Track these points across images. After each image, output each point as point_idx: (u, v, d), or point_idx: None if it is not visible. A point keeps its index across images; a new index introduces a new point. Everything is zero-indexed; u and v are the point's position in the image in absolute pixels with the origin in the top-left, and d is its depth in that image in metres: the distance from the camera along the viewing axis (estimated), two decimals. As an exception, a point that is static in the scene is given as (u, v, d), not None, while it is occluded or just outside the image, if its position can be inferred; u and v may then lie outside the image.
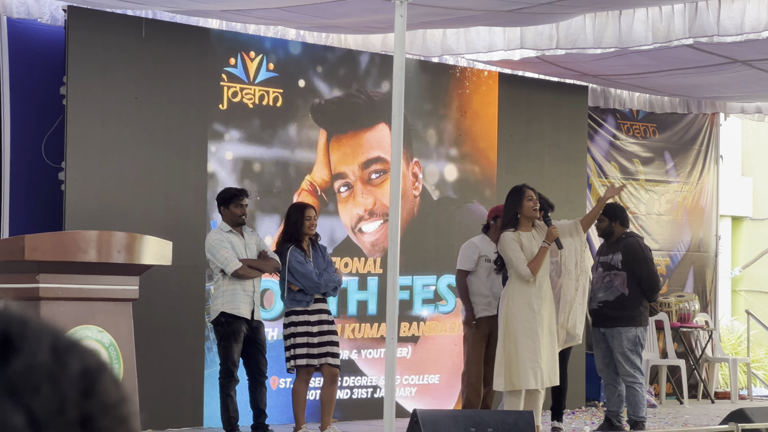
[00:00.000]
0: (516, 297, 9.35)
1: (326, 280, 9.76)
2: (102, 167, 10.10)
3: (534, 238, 9.46)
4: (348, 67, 11.64)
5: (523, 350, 9.29)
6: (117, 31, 10.24)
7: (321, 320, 9.81)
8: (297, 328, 9.75)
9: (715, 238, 15.58)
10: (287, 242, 9.81)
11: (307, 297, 9.77)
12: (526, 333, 9.30)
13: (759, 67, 12.08)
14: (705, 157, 15.44)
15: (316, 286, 9.74)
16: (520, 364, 9.29)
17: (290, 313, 9.82)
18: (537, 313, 9.33)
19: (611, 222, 10.64)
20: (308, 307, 9.77)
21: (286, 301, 9.82)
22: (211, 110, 10.73)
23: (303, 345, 9.73)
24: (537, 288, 9.39)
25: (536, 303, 9.35)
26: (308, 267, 9.74)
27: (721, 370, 15.57)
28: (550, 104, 13.19)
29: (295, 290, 9.74)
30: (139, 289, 8.29)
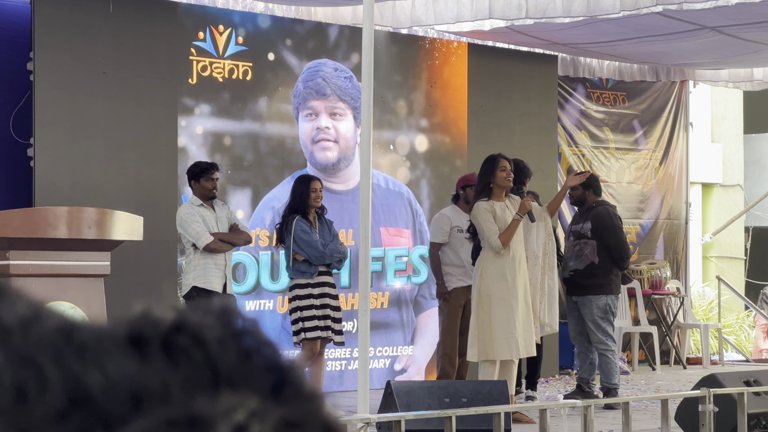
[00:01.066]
0: (489, 267, 9.32)
1: (331, 250, 9.71)
2: (71, 143, 10.06)
3: (507, 209, 9.41)
4: (317, 40, 11.61)
5: (498, 321, 9.26)
6: (84, 6, 10.18)
7: (324, 293, 9.76)
8: (302, 302, 9.70)
9: (686, 205, 15.65)
10: (293, 213, 9.76)
11: (311, 268, 9.71)
12: (500, 303, 9.26)
13: (728, 33, 12.11)
14: (674, 125, 15.49)
15: (321, 256, 9.69)
16: (494, 335, 9.26)
17: (294, 287, 9.75)
18: (511, 283, 9.30)
19: (585, 190, 10.67)
20: (311, 279, 9.76)
21: (291, 272, 9.75)
22: (180, 84, 10.69)
23: (311, 318, 9.69)
24: (510, 259, 9.36)
25: (510, 273, 9.31)
26: (314, 236, 9.69)
27: (692, 336, 15.67)
28: (519, 74, 13.20)
29: (299, 260, 9.70)
30: (111, 265, 8.27)
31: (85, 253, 8.06)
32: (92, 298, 8.11)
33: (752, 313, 17.13)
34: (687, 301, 15.29)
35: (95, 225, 8.08)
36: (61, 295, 7.96)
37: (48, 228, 7.87)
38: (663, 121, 15.37)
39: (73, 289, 8.02)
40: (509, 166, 9.45)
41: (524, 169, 10.17)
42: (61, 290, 7.96)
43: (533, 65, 13.38)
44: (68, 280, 7.99)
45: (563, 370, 13.47)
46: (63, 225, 7.94)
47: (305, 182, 9.88)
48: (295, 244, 9.66)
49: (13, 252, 7.75)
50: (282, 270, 11.18)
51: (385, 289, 12.04)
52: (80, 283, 8.06)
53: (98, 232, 8.08)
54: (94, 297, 8.12)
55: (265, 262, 11.17)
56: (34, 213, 8.08)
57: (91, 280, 8.12)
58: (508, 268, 9.33)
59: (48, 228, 7.87)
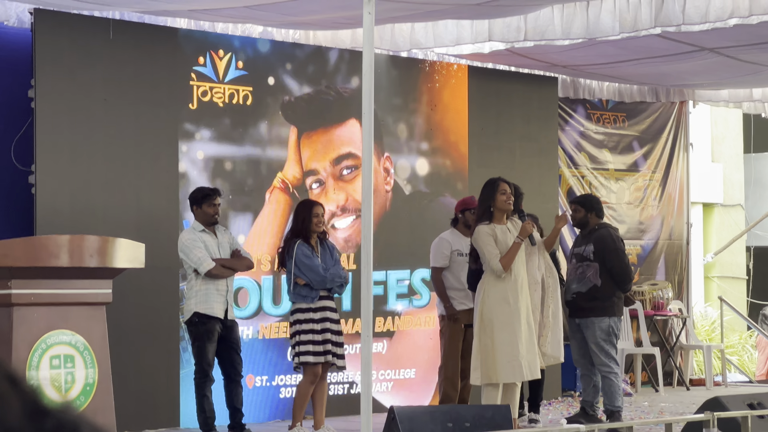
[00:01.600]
0: (491, 291, 9.30)
1: (332, 274, 9.72)
2: (72, 170, 10.05)
3: (509, 231, 9.39)
4: (317, 64, 11.62)
5: (500, 344, 9.23)
6: (84, 32, 10.19)
7: (325, 318, 9.75)
8: (302, 326, 9.69)
9: (687, 225, 15.64)
10: (295, 237, 9.77)
11: (312, 292, 9.70)
12: (502, 326, 9.24)
13: (727, 54, 12.12)
14: (674, 145, 15.50)
15: (322, 280, 9.69)
16: (497, 358, 9.24)
17: (296, 311, 9.74)
18: (513, 306, 9.28)
19: (587, 213, 10.67)
20: (312, 303, 9.74)
21: (292, 296, 9.75)
22: (181, 110, 10.69)
23: (308, 342, 9.69)
24: (512, 282, 9.34)
25: (512, 296, 9.29)
26: (315, 261, 9.69)
27: (695, 357, 15.64)
28: (520, 96, 13.21)
29: (301, 284, 9.69)
30: (112, 291, 8.26)
31: (86, 281, 8.06)
32: (94, 326, 8.11)
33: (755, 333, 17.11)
34: (689, 321, 15.26)
35: (97, 253, 8.08)
36: (62, 323, 7.95)
37: (50, 257, 7.87)
38: (663, 141, 15.38)
39: (75, 318, 8.01)
40: (509, 189, 9.44)
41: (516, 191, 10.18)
42: (62, 319, 7.95)
43: (533, 87, 13.39)
44: (70, 309, 7.98)
45: (566, 392, 13.44)
46: (65, 253, 7.94)
47: (307, 207, 9.89)
48: (296, 268, 9.66)
49: (15, 281, 7.75)
50: (284, 294, 11.16)
51: (387, 313, 12.02)
52: (82, 311, 8.05)
53: (100, 260, 8.07)
54: (96, 325, 8.12)
55: (267, 287, 11.16)
56: (35, 242, 8.08)
57: (93, 308, 8.12)
58: (510, 292, 9.31)
59: (50, 257, 7.87)
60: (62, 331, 7.96)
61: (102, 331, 8.14)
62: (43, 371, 7.83)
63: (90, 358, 8.05)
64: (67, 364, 7.96)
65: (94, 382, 8.05)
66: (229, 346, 9.79)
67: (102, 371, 8.10)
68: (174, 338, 10.52)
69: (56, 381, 7.88)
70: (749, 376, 16.35)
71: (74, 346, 8.00)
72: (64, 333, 7.98)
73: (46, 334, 7.90)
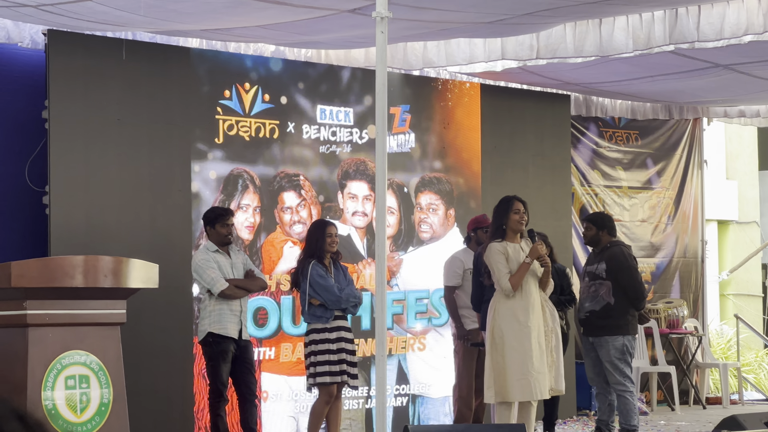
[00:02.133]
0: (502, 309, 9.27)
1: (347, 294, 9.73)
2: (86, 190, 10.06)
3: (522, 250, 9.38)
4: (330, 83, 11.63)
5: (511, 362, 9.20)
6: (97, 53, 10.21)
7: (340, 337, 9.75)
8: (318, 346, 9.69)
9: (702, 242, 15.59)
10: (309, 258, 9.78)
11: (327, 313, 9.71)
12: (513, 345, 9.20)
13: (741, 71, 12.10)
14: (688, 162, 15.46)
15: (336, 300, 9.70)
16: (508, 377, 9.20)
17: (311, 332, 9.74)
18: (524, 325, 9.24)
19: (598, 231, 10.61)
20: (327, 324, 9.73)
21: (307, 316, 9.75)
22: (194, 129, 10.70)
23: (324, 363, 9.68)
24: (524, 300, 9.30)
25: (522, 315, 9.25)
26: (329, 281, 9.71)
27: (711, 376, 15.57)
28: (532, 114, 13.20)
29: (315, 305, 9.70)
30: (127, 311, 8.25)
31: (101, 301, 8.06)
32: (108, 346, 8.10)
33: (771, 350, 17.03)
34: (705, 339, 15.20)
35: (111, 274, 8.07)
36: (77, 343, 7.95)
37: (65, 277, 7.87)
38: (677, 158, 15.34)
39: (90, 338, 8.01)
40: (522, 208, 9.43)
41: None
42: (77, 339, 7.95)
43: (546, 105, 13.38)
44: (85, 329, 7.98)
45: (581, 411, 13.39)
46: (79, 274, 7.94)
47: (321, 227, 9.91)
48: (311, 288, 9.65)
49: (30, 302, 7.76)
50: (300, 314, 11.17)
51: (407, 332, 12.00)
52: (96, 331, 8.05)
53: (114, 281, 8.07)
54: (111, 345, 8.11)
55: (286, 307, 11.14)
56: (50, 262, 8.08)
57: (108, 328, 8.12)
58: (520, 310, 9.27)
59: (65, 277, 7.87)
60: (77, 352, 7.96)
61: (116, 351, 8.14)
62: (58, 391, 7.82)
63: (105, 379, 8.04)
64: (82, 384, 7.95)
65: (108, 402, 8.04)
66: (244, 366, 9.77)
67: (117, 391, 8.09)
68: (188, 358, 10.50)
69: (71, 401, 7.87)
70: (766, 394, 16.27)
71: (89, 367, 7.99)
72: (79, 353, 7.97)
73: (61, 355, 7.89)
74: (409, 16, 9.50)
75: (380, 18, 7.63)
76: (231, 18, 9.55)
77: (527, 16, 9.81)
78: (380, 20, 7.63)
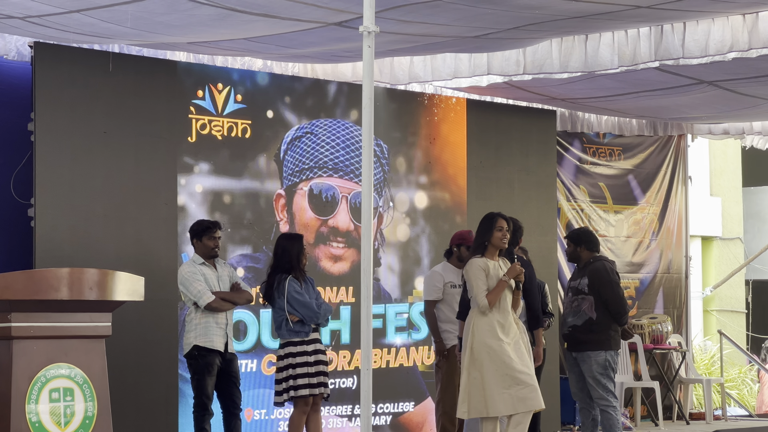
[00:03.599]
0: (480, 324, 9.26)
1: (324, 310, 9.74)
2: (71, 203, 10.05)
3: (501, 268, 9.38)
4: (316, 97, 11.64)
5: (491, 377, 9.18)
6: (84, 65, 10.20)
7: (316, 350, 9.77)
8: (296, 359, 9.68)
9: (685, 258, 15.63)
10: (282, 273, 9.71)
11: (305, 327, 9.70)
12: (492, 359, 9.17)
13: (726, 87, 12.15)
14: (672, 178, 15.50)
15: (315, 316, 9.70)
16: (487, 391, 9.18)
17: (287, 345, 9.72)
18: (503, 339, 9.23)
19: (576, 247, 10.62)
20: (306, 338, 9.72)
21: (284, 333, 9.70)
22: (180, 143, 10.69)
23: (303, 375, 9.67)
24: (502, 316, 9.29)
25: (500, 329, 9.25)
26: (306, 297, 9.70)
27: (695, 391, 15.60)
28: (518, 129, 13.22)
29: (294, 320, 9.68)
30: (112, 324, 8.23)
31: (86, 314, 8.03)
32: (93, 359, 8.08)
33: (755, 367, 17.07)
34: (689, 355, 15.23)
35: (96, 286, 8.05)
36: (62, 356, 7.93)
37: (49, 290, 7.85)
38: (661, 175, 15.39)
39: (75, 351, 7.98)
40: (506, 226, 9.41)
41: (519, 228, 10.16)
42: (62, 352, 7.93)
43: (532, 120, 13.41)
44: (69, 342, 7.96)
45: (565, 426, 13.40)
46: (64, 286, 7.91)
47: (297, 240, 9.85)
48: (288, 305, 9.62)
49: (15, 314, 7.73)
50: (283, 328, 11.16)
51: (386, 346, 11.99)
52: (81, 344, 8.02)
53: (99, 293, 8.05)
54: (95, 358, 8.09)
55: (265, 320, 11.12)
56: (35, 275, 8.06)
57: (93, 341, 8.09)
58: (498, 325, 9.26)
59: (49, 290, 7.85)
60: (62, 365, 7.94)
61: (101, 364, 8.11)
62: (42, 405, 7.79)
63: (89, 392, 8.02)
64: (67, 397, 7.92)
65: (93, 415, 8.02)
66: (229, 379, 9.76)
67: (101, 405, 8.07)
68: (173, 371, 10.48)
69: (55, 414, 7.85)
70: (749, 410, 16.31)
71: (74, 380, 7.97)
72: (63, 366, 7.95)
73: (46, 368, 7.87)
74: (396, 29, 9.52)
75: (367, 32, 7.65)
76: (218, 30, 9.56)
77: (513, 30, 9.84)
78: (367, 35, 7.65)
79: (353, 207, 11.69)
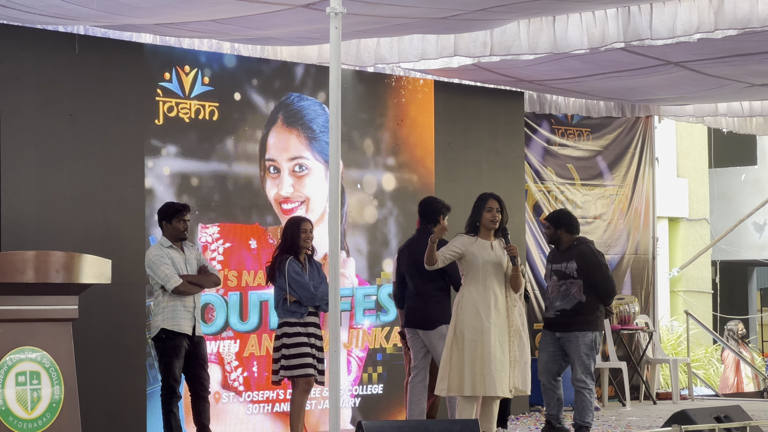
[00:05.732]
0: (465, 302, 9.37)
1: (322, 292, 9.80)
2: (38, 186, 9.99)
3: (492, 249, 9.46)
4: (283, 79, 11.61)
5: (470, 357, 9.28)
6: (49, 48, 10.14)
7: (311, 333, 9.83)
8: (290, 339, 9.76)
9: (653, 239, 15.69)
10: (285, 253, 9.87)
11: (302, 309, 9.81)
12: (473, 340, 9.28)
13: (692, 68, 12.18)
14: (640, 160, 15.56)
15: (312, 298, 9.78)
16: (465, 371, 9.28)
17: (284, 324, 9.83)
18: (485, 320, 9.30)
19: (556, 229, 10.61)
20: (301, 319, 9.77)
21: (281, 312, 9.84)
22: (147, 125, 10.65)
23: (301, 355, 9.75)
24: (486, 296, 9.36)
25: (484, 310, 9.32)
26: (306, 278, 9.81)
27: (662, 371, 15.69)
28: (486, 111, 13.24)
29: (291, 301, 9.75)
30: (79, 307, 8.20)
31: (52, 297, 8.00)
32: (60, 342, 8.05)
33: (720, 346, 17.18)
34: (656, 335, 15.31)
35: (63, 269, 8.02)
36: (28, 339, 7.89)
37: (15, 272, 7.81)
38: (629, 156, 15.44)
39: (41, 334, 7.95)
40: (497, 206, 9.53)
41: (436, 207, 10.18)
42: (28, 335, 7.89)
43: (500, 102, 13.42)
44: (36, 325, 7.92)
45: (533, 407, 13.44)
46: (30, 269, 7.88)
47: (296, 223, 10.00)
48: (287, 284, 9.73)
49: (-20, 297, 7.70)
50: (251, 310, 11.16)
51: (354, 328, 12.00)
52: (48, 327, 7.99)
53: (66, 276, 8.01)
54: (62, 341, 8.06)
55: (234, 303, 11.12)
56: (0, 258, 8.01)
57: (59, 324, 8.06)
58: (482, 307, 9.33)
59: (15, 272, 7.81)
60: (28, 348, 7.90)
61: (68, 347, 8.08)
62: (8, 389, 7.76)
63: (56, 375, 7.99)
64: (33, 381, 7.89)
65: (60, 399, 8.00)
66: (197, 362, 9.76)
67: (68, 388, 8.04)
68: (140, 355, 10.46)
69: (22, 398, 7.82)
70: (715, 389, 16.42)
71: (40, 363, 7.93)
72: (29, 350, 7.91)
73: (12, 351, 7.84)
74: (363, 11, 9.50)
75: (334, 13, 7.64)
76: (184, 12, 9.51)
77: (481, 12, 9.84)
78: (334, 16, 7.64)
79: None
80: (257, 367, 11.15)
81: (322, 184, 11.69)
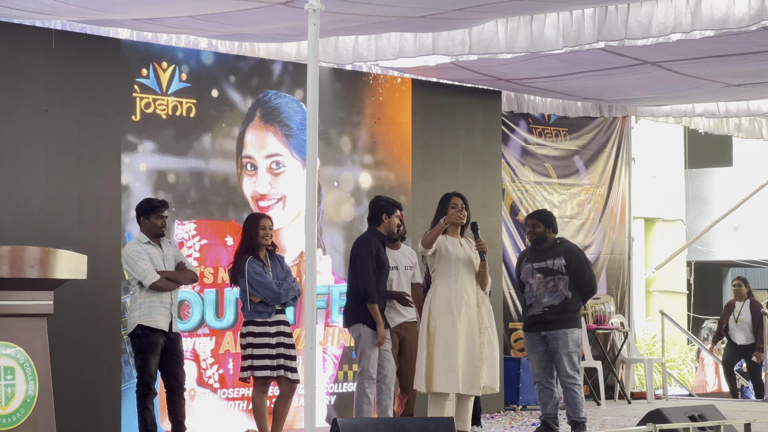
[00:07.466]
0: (437, 298, 9.53)
1: (286, 289, 9.78)
2: (13, 181, 9.96)
3: (461, 246, 9.67)
4: (261, 76, 11.60)
5: (440, 354, 9.40)
6: (26, 42, 10.11)
7: (279, 332, 9.82)
8: (256, 339, 9.75)
9: (629, 240, 15.74)
10: (244, 254, 9.81)
11: (268, 308, 9.79)
12: (443, 337, 9.42)
13: (669, 68, 12.23)
14: (617, 160, 15.60)
15: (276, 296, 9.76)
16: (435, 368, 9.40)
17: (249, 323, 9.80)
18: (456, 316, 9.39)
19: (546, 228, 10.71)
20: (269, 318, 9.75)
21: (248, 313, 9.81)
22: (124, 122, 10.63)
23: (263, 357, 9.73)
24: (459, 293, 9.49)
25: (456, 306, 9.45)
26: (267, 277, 9.77)
27: (636, 371, 15.73)
28: (464, 110, 13.25)
29: (256, 302, 9.72)
30: (54, 303, 8.18)
31: (27, 292, 7.96)
32: (34, 338, 8.02)
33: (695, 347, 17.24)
34: (631, 335, 15.35)
35: (38, 264, 7.99)
36: (3, 335, 7.86)
37: (-10, 267, 7.78)
38: (605, 156, 15.47)
39: (16, 329, 7.92)
40: (461, 203, 9.81)
41: (383, 205, 10.19)
42: (2, 330, 7.86)
43: (477, 101, 13.43)
44: (10, 320, 7.89)
45: (508, 406, 13.46)
46: (5, 264, 7.84)
47: (254, 220, 9.94)
48: (249, 286, 9.69)
49: (-45, 292, 7.66)
50: (227, 307, 11.15)
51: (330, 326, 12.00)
52: (23, 323, 7.96)
53: (41, 272, 7.99)
54: (37, 337, 8.03)
55: (210, 300, 11.10)
56: (-24, 253, 7.98)
57: (34, 319, 8.02)
58: (454, 303, 9.45)
59: (-10, 267, 7.78)
60: (2, 343, 7.87)
61: (43, 343, 8.06)
62: (-18, 384, 7.73)
63: (30, 371, 7.96)
64: (7, 376, 7.87)
65: (34, 395, 7.97)
66: (173, 358, 9.75)
67: (43, 384, 8.01)
68: (116, 351, 10.44)
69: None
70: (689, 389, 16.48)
71: (14, 359, 7.90)
72: (4, 345, 7.88)
73: (-14, 346, 7.81)
74: (342, 9, 9.50)
75: (312, 10, 7.63)
76: (162, 8, 9.50)
77: (459, 11, 9.85)
78: (312, 12, 7.64)
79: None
80: (233, 364, 11.14)
81: (299, 181, 11.69)
